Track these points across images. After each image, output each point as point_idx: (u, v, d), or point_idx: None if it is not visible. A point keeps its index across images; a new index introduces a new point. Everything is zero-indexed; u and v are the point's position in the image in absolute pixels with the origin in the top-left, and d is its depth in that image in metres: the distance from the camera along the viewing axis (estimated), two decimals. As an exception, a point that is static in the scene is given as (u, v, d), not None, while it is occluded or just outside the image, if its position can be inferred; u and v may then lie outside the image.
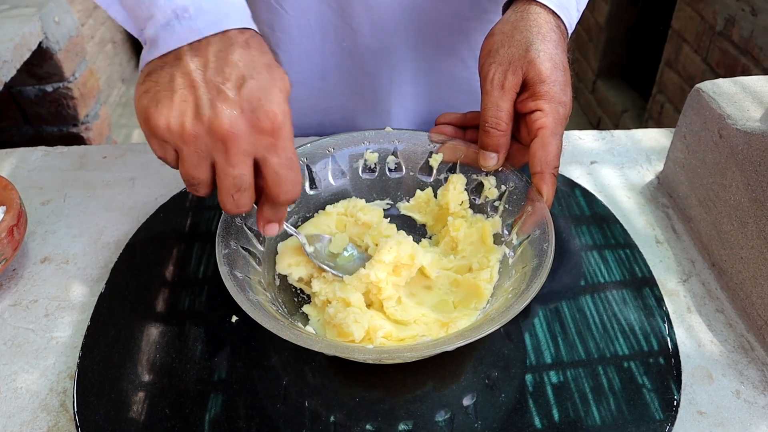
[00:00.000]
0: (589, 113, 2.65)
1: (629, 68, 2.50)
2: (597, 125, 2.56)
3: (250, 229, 0.54)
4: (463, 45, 0.73)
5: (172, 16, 0.40)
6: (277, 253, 0.56)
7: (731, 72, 1.67)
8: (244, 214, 0.53)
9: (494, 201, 0.57)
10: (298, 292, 0.56)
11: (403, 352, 0.44)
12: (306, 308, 0.54)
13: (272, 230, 0.47)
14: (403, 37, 0.70)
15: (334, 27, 0.68)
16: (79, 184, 0.74)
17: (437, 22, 0.69)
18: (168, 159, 0.43)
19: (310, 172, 0.60)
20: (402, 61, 0.72)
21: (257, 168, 0.42)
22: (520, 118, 0.54)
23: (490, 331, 0.42)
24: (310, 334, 0.47)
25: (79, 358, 0.52)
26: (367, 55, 0.71)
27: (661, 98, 2.07)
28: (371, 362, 0.49)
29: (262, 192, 0.44)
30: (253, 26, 0.44)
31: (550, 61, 0.52)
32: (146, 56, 0.42)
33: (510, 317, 0.43)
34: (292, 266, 0.54)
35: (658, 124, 2.09)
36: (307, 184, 0.60)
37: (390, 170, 0.62)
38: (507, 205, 0.56)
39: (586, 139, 0.82)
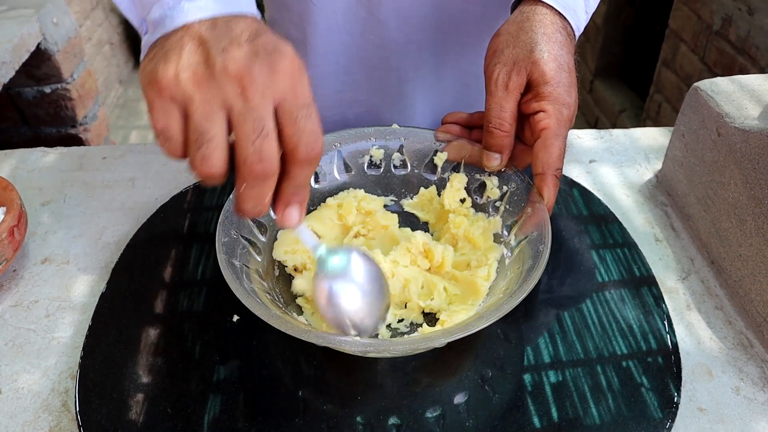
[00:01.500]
0: (586, 113, 2.65)
1: (627, 68, 2.50)
2: (595, 125, 2.56)
3: (252, 219, 0.54)
4: None
5: None
6: (277, 240, 0.56)
7: (728, 71, 1.68)
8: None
9: (496, 201, 0.57)
10: None
11: (389, 346, 0.44)
12: (300, 300, 0.54)
13: (292, 217, 0.41)
14: (430, 32, 0.70)
15: (362, 20, 0.69)
16: (79, 184, 0.74)
17: (465, 20, 0.69)
18: (172, 126, 0.37)
19: None
20: (428, 57, 0.72)
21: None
22: (525, 119, 0.54)
23: (476, 330, 0.42)
24: (302, 324, 0.46)
25: (81, 358, 0.52)
26: (394, 48, 0.71)
27: (658, 98, 2.07)
28: (358, 354, 0.50)
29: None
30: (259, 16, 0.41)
31: (555, 62, 0.52)
32: (149, 39, 0.40)
33: (498, 316, 0.43)
34: (288, 254, 0.55)
35: (656, 124, 2.09)
36: (312, 178, 0.60)
37: (395, 167, 0.62)
38: (508, 206, 0.56)
39: (584, 138, 0.82)
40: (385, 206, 0.62)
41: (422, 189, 0.62)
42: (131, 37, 3.02)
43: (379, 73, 0.74)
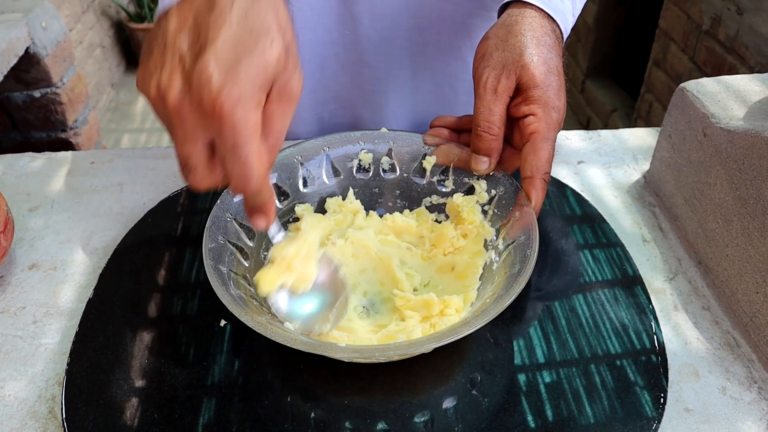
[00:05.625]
0: (578, 113, 2.66)
1: (618, 68, 2.51)
2: (587, 125, 2.57)
3: (240, 224, 0.54)
4: (465, 45, 0.72)
5: None
6: (264, 247, 0.56)
7: (718, 71, 1.69)
8: (234, 209, 0.53)
9: (484, 205, 0.57)
10: None
11: (374, 352, 0.44)
12: None
13: (258, 223, 0.43)
14: (403, 31, 0.70)
15: (336, 14, 0.68)
16: (66, 189, 0.74)
17: (439, 19, 0.69)
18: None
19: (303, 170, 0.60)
20: (401, 56, 0.72)
21: None
22: (514, 123, 0.54)
23: (463, 335, 0.42)
24: (287, 330, 0.47)
25: (68, 364, 0.51)
26: (366, 45, 0.71)
27: (649, 97, 2.08)
28: (345, 360, 0.50)
29: None
30: None
31: (544, 66, 0.52)
32: (155, 14, 0.41)
33: (486, 321, 0.43)
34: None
35: (647, 123, 2.10)
36: (300, 183, 0.60)
37: (384, 171, 0.62)
38: (496, 210, 0.56)
39: (573, 139, 0.82)
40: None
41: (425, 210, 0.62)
42: (122, 40, 3.02)
43: (353, 69, 0.73)
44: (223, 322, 0.55)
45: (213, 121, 0.36)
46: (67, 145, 1.56)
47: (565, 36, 0.57)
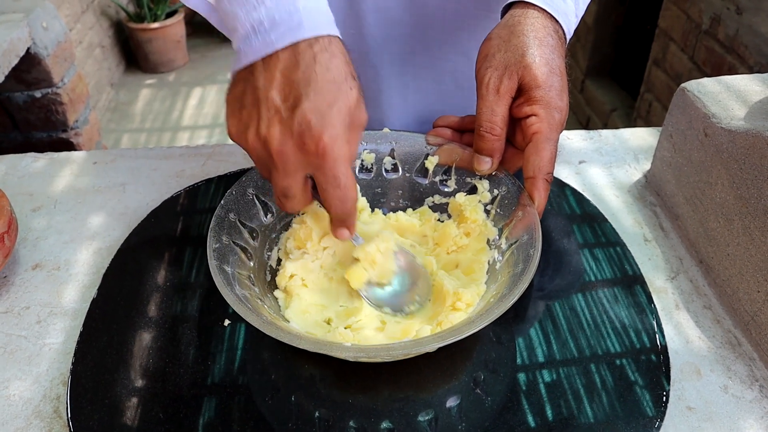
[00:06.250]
0: (578, 112, 2.66)
1: (617, 67, 2.52)
2: (586, 124, 2.57)
3: (243, 224, 0.54)
4: (470, 43, 0.72)
5: (250, 30, 0.43)
6: (268, 247, 0.57)
7: (718, 70, 1.69)
8: (237, 209, 0.55)
9: (487, 205, 0.57)
10: None
11: (379, 351, 0.45)
12: (276, 293, 0.55)
13: (341, 235, 0.49)
14: (407, 28, 0.70)
15: (343, 13, 0.68)
16: (69, 190, 0.74)
17: (443, 18, 0.69)
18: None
19: None
20: (405, 54, 0.72)
21: None
22: (516, 123, 0.54)
23: (468, 334, 0.43)
24: (293, 330, 0.47)
25: (72, 364, 0.52)
26: (372, 44, 0.71)
27: (649, 97, 2.08)
28: (350, 360, 0.50)
29: None
30: (331, 31, 0.45)
31: (547, 66, 0.52)
32: (233, 66, 0.45)
33: (490, 320, 0.43)
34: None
35: (647, 123, 2.10)
36: None
37: (386, 171, 0.62)
38: (499, 209, 0.56)
39: (574, 138, 0.82)
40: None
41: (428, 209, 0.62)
42: (122, 40, 3.02)
43: (357, 68, 0.73)
44: (227, 322, 0.55)
45: (316, 159, 0.42)
46: (68, 145, 1.56)
47: (568, 37, 0.57)
